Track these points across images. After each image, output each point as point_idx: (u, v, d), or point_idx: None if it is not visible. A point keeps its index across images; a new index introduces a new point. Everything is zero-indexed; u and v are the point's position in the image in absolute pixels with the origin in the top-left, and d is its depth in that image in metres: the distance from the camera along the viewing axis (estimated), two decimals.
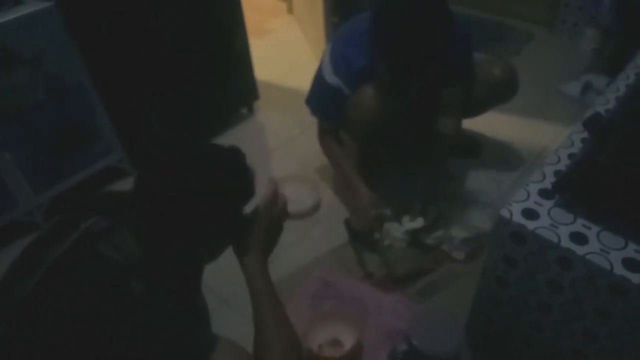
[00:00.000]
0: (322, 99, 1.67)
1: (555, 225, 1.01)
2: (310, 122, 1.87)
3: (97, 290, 0.78)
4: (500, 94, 1.78)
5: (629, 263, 0.93)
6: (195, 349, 0.80)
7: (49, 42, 1.59)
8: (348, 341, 1.39)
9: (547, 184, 1.10)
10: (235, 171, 0.89)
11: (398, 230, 1.64)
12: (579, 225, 1.01)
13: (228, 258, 1.00)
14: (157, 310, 0.80)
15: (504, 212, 1.04)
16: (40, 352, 0.77)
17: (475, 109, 1.83)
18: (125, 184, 1.91)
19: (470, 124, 1.95)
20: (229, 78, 2.13)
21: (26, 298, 0.79)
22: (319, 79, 1.64)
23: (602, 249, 0.96)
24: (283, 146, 2.17)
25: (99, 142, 1.85)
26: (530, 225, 1.01)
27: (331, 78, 1.57)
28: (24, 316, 0.79)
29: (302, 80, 1.88)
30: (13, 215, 1.72)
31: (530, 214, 1.04)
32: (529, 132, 2.13)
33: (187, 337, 0.81)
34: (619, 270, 0.92)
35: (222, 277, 1.56)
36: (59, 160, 1.78)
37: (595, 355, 1.07)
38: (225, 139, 2.18)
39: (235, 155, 0.91)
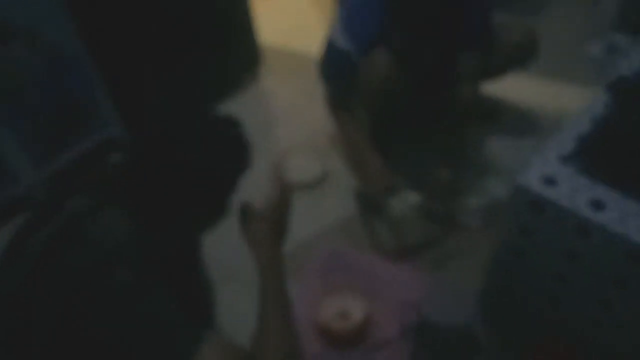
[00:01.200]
0: (333, 65, 1.66)
1: (574, 192, 1.02)
2: (318, 89, 1.86)
3: (80, 281, 0.77)
4: (519, 59, 1.76)
5: None
6: (178, 346, 0.78)
7: (44, 15, 1.58)
8: (358, 314, 1.41)
9: (567, 149, 1.10)
10: (231, 144, 0.89)
11: (409, 200, 1.65)
12: (599, 191, 1.02)
13: (235, 231, 1.01)
14: (140, 303, 0.79)
15: (522, 180, 1.05)
16: (31, 345, 0.78)
17: (493, 74, 1.82)
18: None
19: (487, 87, 1.94)
20: (230, 42, 2.11)
21: (16, 289, 0.80)
22: (329, 44, 1.62)
23: (621, 216, 0.96)
24: (289, 114, 2.16)
25: (98, 115, 1.86)
26: (549, 192, 1.02)
27: (342, 43, 1.56)
28: (13, 307, 0.80)
29: (308, 43, 1.87)
30: (13, 190, 1.74)
31: (548, 180, 1.04)
32: (550, 96, 2.11)
33: (169, 333, 0.79)
34: (637, 236, 0.93)
35: (229, 250, 1.60)
36: (57, 135, 1.79)
37: (610, 325, 1.09)
38: (228, 107, 2.16)
39: (232, 127, 0.91)
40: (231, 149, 0.89)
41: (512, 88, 2.08)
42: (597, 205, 0.99)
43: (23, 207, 1.74)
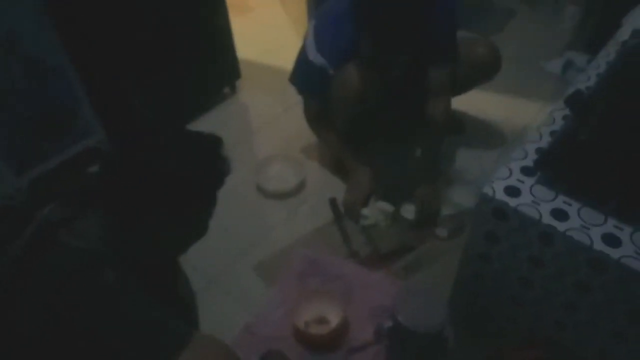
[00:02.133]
0: (307, 78, 1.65)
1: (537, 202, 1.02)
2: (294, 101, 1.85)
3: (62, 282, 0.74)
4: (483, 72, 1.78)
5: (608, 238, 0.94)
6: (165, 343, 0.77)
7: (23, 23, 1.53)
8: (334, 318, 1.40)
9: (529, 161, 1.11)
10: (208, 158, 0.87)
11: (381, 211, 1.65)
12: (560, 201, 1.02)
13: (215, 239, 0.99)
14: (127, 300, 0.77)
15: (487, 189, 1.05)
16: (14, 350, 0.75)
17: (458, 88, 1.83)
18: None
19: (452, 102, 1.95)
20: (210, 57, 2.09)
21: None
22: (302, 58, 1.61)
23: (583, 225, 0.97)
24: (267, 125, 2.15)
25: (80, 124, 1.81)
26: (513, 202, 1.02)
27: (315, 57, 1.55)
28: None
29: (285, 58, 1.85)
30: None
31: (512, 191, 1.04)
32: (511, 110, 2.14)
33: (156, 330, 0.77)
34: (599, 245, 0.93)
35: (210, 257, 1.57)
36: (39, 142, 1.73)
37: (576, 327, 1.10)
38: (208, 119, 2.15)
39: (212, 143, 0.89)
40: (208, 163, 0.87)
41: (475, 102, 2.11)
42: (560, 214, 0.99)
43: (2, 214, 1.68)
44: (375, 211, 1.66)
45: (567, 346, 1.13)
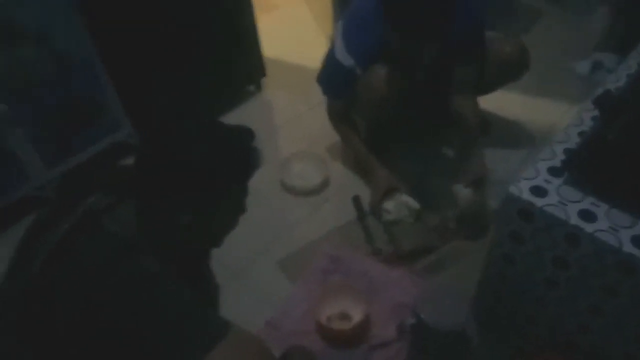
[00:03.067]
0: (334, 78, 1.66)
1: (564, 202, 1.02)
2: (318, 100, 1.86)
3: (106, 268, 0.76)
4: (510, 72, 1.76)
5: (637, 241, 0.93)
6: (204, 334, 0.78)
7: (54, 18, 1.58)
8: (356, 315, 1.41)
9: (557, 161, 1.10)
10: (239, 150, 0.88)
11: (406, 206, 1.65)
12: (588, 203, 1.01)
13: (239, 234, 1.01)
14: (168, 288, 0.79)
15: (513, 189, 1.05)
16: (51, 333, 0.77)
17: (485, 88, 1.82)
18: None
19: (479, 102, 1.94)
20: (235, 54, 2.12)
21: (33, 280, 0.79)
22: (330, 57, 1.62)
23: (611, 226, 0.96)
24: (291, 123, 2.17)
25: (108, 118, 1.86)
26: (539, 202, 1.02)
27: (344, 57, 1.56)
28: (33, 298, 0.79)
29: (310, 56, 1.87)
30: (25, 190, 1.74)
31: (538, 191, 1.04)
32: (538, 111, 2.12)
33: (196, 320, 0.79)
34: (628, 248, 0.92)
35: (233, 252, 1.59)
36: (69, 136, 1.79)
37: (600, 331, 1.09)
38: (233, 116, 2.18)
39: (242, 135, 0.91)
40: (238, 154, 0.88)
41: (502, 102, 2.09)
42: (587, 215, 0.99)
43: (34, 205, 1.74)
44: (400, 206, 1.66)
45: (589, 350, 1.12)
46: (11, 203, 1.72)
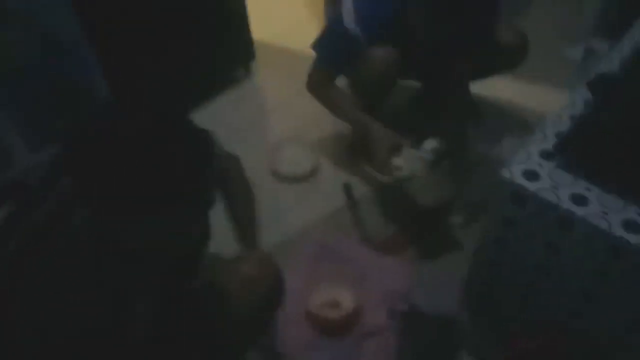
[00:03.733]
0: (335, 45, 1.61)
1: (556, 186, 1.01)
2: None
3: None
4: (509, 60, 1.76)
5: (628, 224, 0.93)
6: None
7: None
8: (347, 303, 1.40)
9: (549, 145, 1.10)
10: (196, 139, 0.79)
11: (417, 159, 1.54)
12: (580, 186, 1.01)
13: (226, 221, 0.99)
14: None
15: (505, 173, 1.04)
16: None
17: (481, 74, 1.81)
18: None
19: (471, 87, 1.94)
20: (224, 37, 2.08)
21: (8, 260, 0.78)
22: (335, 23, 1.58)
23: (602, 210, 0.96)
24: (281, 108, 2.14)
25: (95, 102, 1.83)
26: (531, 186, 1.02)
27: (351, 25, 1.52)
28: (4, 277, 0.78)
29: (301, 41, 1.84)
30: (8, 174, 1.70)
31: (530, 175, 1.04)
32: (530, 96, 2.11)
33: None
34: (619, 231, 0.92)
35: (221, 239, 1.58)
36: (54, 120, 1.75)
37: (591, 315, 1.09)
38: (221, 100, 2.14)
39: (203, 138, 0.80)
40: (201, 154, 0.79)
41: (493, 88, 2.08)
42: (579, 199, 0.99)
43: (17, 190, 1.70)
44: (411, 159, 1.53)
45: (581, 335, 1.13)
46: None
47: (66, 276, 0.75)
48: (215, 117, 2.02)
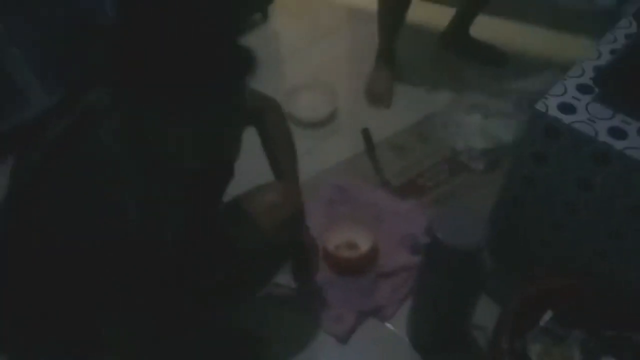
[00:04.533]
0: None
1: (593, 119, 0.97)
2: (327, 29, 1.77)
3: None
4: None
5: None
6: None
7: None
8: (364, 244, 1.39)
9: (586, 79, 1.04)
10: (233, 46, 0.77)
11: None
12: (618, 120, 0.96)
13: (242, 165, 0.97)
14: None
15: (539, 106, 0.99)
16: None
17: None
18: None
19: (497, 34, 1.86)
20: None
21: (33, 173, 0.75)
22: None
23: None
24: (298, 53, 2.08)
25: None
26: (566, 119, 0.97)
27: None
28: (31, 192, 0.75)
29: None
30: (25, 116, 1.67)
31: (566, 108, 0.99)
32: (559, 45, 2.03)
33: None
34: None
35: (235, 184, 1.55)
36: (70, 59, 1.70)
37: (617, 255, 1.06)
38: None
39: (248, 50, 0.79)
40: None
41: (519, 36, 2.00)
42: (617, 133, 0.94)
43: (34, 133, 1.68)
44: None
45: (603, 277, 1.10)
46: (10, 130, 1.66)
47: (95, 185, 0.72)
48: None
